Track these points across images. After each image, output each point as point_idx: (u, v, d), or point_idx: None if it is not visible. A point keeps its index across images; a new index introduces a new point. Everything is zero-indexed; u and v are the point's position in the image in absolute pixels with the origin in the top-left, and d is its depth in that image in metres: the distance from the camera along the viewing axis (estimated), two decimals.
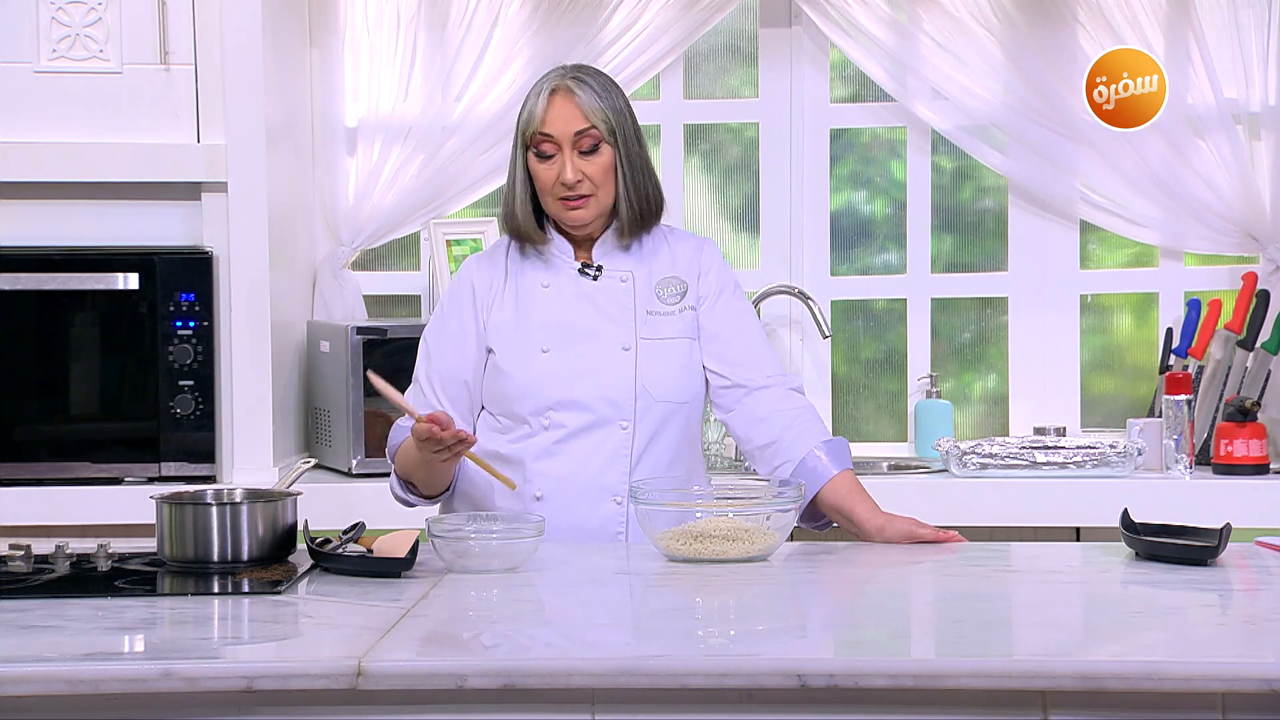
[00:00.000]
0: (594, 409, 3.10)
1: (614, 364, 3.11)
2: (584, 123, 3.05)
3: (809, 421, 3.15)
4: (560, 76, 3.09)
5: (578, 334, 3.11)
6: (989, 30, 4.47)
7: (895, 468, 4.44)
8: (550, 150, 3.06)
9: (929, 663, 2.30)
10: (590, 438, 3.09)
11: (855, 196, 4.72)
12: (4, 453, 4.06)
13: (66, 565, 2.79)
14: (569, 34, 4.49)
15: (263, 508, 2.84)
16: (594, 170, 3.06)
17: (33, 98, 4.08)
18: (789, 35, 4.62)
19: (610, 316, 3.13)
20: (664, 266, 3.18)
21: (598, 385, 3.10)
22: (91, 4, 4.08)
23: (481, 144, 4.49)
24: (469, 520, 2.91)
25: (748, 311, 3.24)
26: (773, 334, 4.64)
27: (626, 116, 3.10)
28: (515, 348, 3.11)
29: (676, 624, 2.56)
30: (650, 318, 3.14)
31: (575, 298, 3.13)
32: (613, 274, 3.15)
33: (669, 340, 3.14)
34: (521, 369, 3.10)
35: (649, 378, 3.12)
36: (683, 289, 3.17)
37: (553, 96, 3.06)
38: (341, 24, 4.47)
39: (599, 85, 3.09)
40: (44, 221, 4.12)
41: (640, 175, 3.11)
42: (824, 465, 3.09)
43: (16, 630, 2.41)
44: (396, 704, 2.24)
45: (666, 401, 3.13)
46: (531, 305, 3.13)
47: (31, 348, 4.09)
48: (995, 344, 4.69)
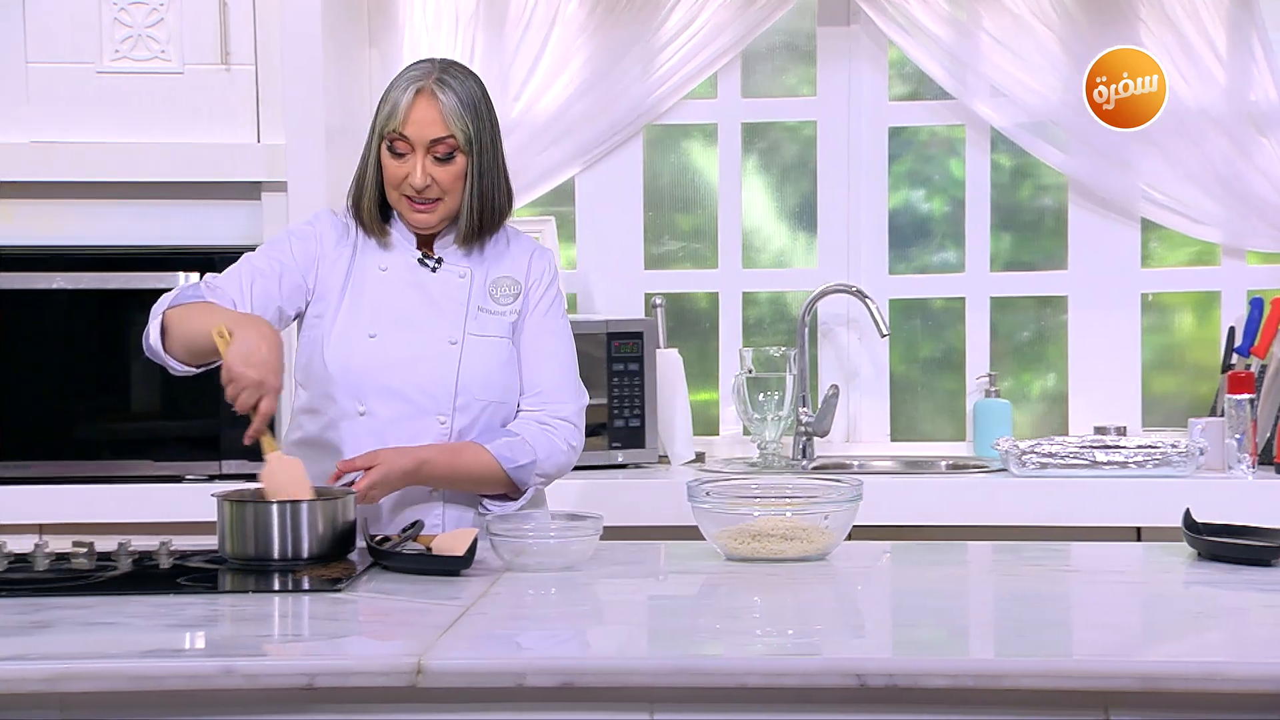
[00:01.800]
0: (413, 400, 3.07)
1: (438, 357, 3.09)
2: (443, 130, 3.02)
3: (528, 429, 3.10)
4: (426, 75, 3.04)
5: (407, 323, 3.09)
6: (1049, 27, 4.45)
7: (953, 467, 4.42)
8: (404, 149, 3.03)
9: (989, 662, 2.29)
10: (407, 429, 3.06)
11: (913, 195, 4.70)
12: (66, 451, 4.09)
13: (129, 563, 2.81)
14: (626, 33, 4.49)
15: (322, 506, 2.85)
16: (444, 177, 3.04)
17: (95, 98, 4.11)
18: (847, 33, 4.61)
19: (441, 309, 3.11)
20: (502, 266, 3.16)
21: (419, 376, 3.07)
22: (153, 5, 4.11)
23: (539, 143, 4.50)
24: (527, 519, 2.91)
25: (555, 333, 3.18)
26: (829, 332, 4.63)
27: (486, 124, 3.06)
28: (341, 328, 3.08)
29: (734, 623, 2.55)
30: (480, 314, 3.12)
31: (410, 286, 3.11)
32: (451, 268, 3.13)
33: (495, 339, 3.12)
34: (344, 351, 3.07)
35: (470, 374, 3.09)
36: (516, 290, 3.15)
37: (417, 97, 3.02)
38: (400, 24, 4.48)
39: (464, 91, 3.04)
40: (105, 221, 4.15)
41: (490, 185, 3.07)
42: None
43: (80, 627, 2.43)
44: (455, 702, 2.24)
45: (485, 399, 3.10)
46: (365, 286, 3.10)
47: (93, 347, 4.12)
48: (1055, 343, 4.66)
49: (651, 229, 4.69)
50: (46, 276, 4.08)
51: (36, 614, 2.50)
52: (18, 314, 4.08)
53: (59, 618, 2.48)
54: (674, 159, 4.71)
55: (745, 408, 4.41)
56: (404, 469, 2.98)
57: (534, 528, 2.86)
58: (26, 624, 2.44)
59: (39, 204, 4.14)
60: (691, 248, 4.71)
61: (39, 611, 2.51)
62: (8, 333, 4.09)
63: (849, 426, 4.64)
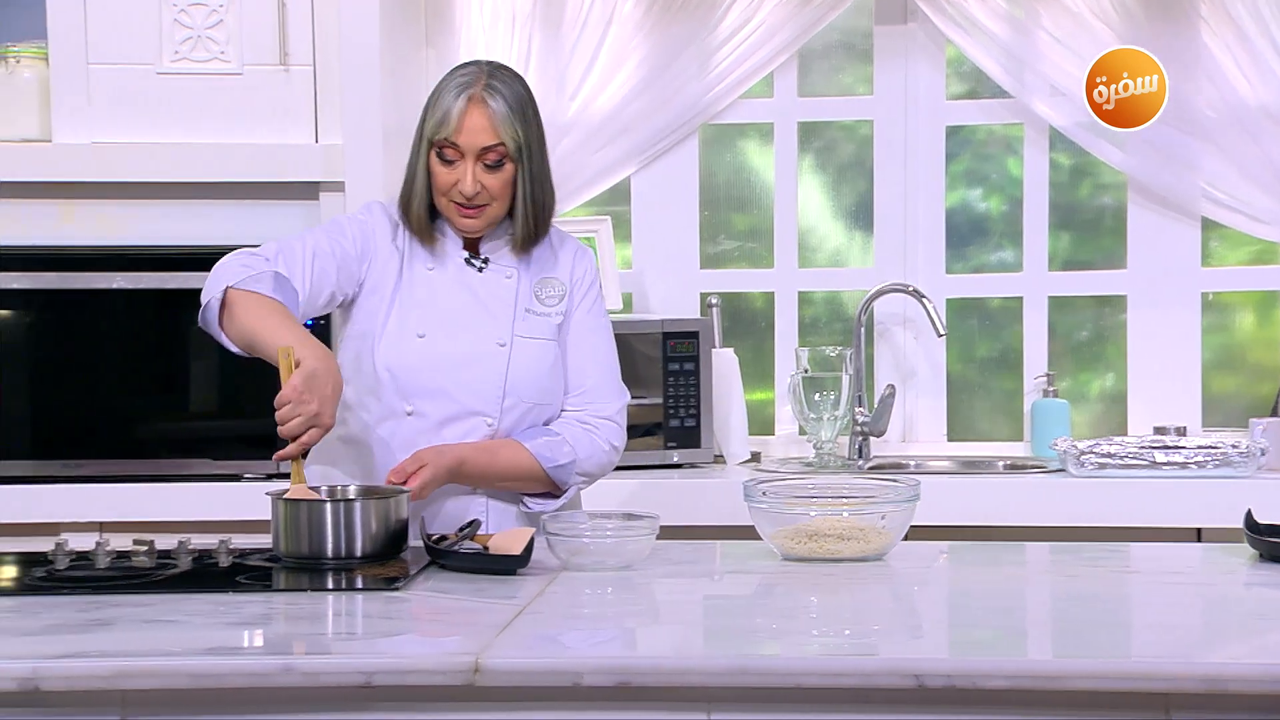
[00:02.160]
0: (461, 401, 3.07)
1: (487, 358, 3.08)
2: (494, 139, 3.01)
3: (570, 429, 3.11)
4: (476, 80, 3.03)
5: (455, 323, 3.09)
6: (1108, 25, 4.42)
7: (1011, 467, 4.40)
8: (453, 156, 3.03)
9: (1049, 663, 2.27)
10: (454, 429, 3.06)
11: (970, 194, 4.68)
12: (126, 450, 4.12)
13: (188, 561, 2.83)
14: (682, 32, 4.49)
15: (376, 504, 2.86)
16: (494, 183, 3.04)
17: (155, 98, 4.14)
18: (904, 32, 4.60)
19: (489, 310, 3.11)
20: (547, 267, 3.16)
21: (468, 377, 3.07)
22: (213, 6, 4.13)
23: (595, 142, 4.51)
24: (584, 518, 2.91)
25: (597, 331, 3.18)
26: (886, 332, 4.62)
27: (534, 129, 3.06)
28: (391, 327, 3.08)
29: (791, 623, 2.55)
30: (528, 316, 3.12)
31: (457, 287, 3.11)
32: (498, 269, 3.13)
33: (542, 341, 3.12)
34: (394, 350, 3.07)
35: (519, 376, 3.09)
36: (562, 292, 3.15)
37: (469, 104, 3.01)
38: (458, 24, 4.49)
39: (513, 97, 3.03)
40: (165, 221, 4.18)
41: (540, 192, 3.08)
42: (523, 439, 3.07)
43: (140, 625, 2.45)
44: (512, 700, 2.25)
45: (532, 401, 3.10)
46: (414, 285, 3.10)
47: (152, 346, 4.15)
48: (1114, 342, 4.63)
49: (707, 228, 4.69)
50: (107, 276, 4.11)
51: (97, 611, 2.52)
52: (79, 314, 4.11)
53: (120, 615, 2.49)
54: (730, 158, 4.71)
55: (801, 407, 4.40)
56: (446, 467, 2.98)
57: (591, 527, 2.86)
58: (88, 621, 2.46)
59: (100, 204, 4.17)
60: (747, 247, 4.71)
61: (100, 609, 2.53)
62: (69, 332, 4.12)
63: (905, 426, 4.62)
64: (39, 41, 4.14)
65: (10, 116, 4.16)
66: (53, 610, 2.53)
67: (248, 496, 3.96)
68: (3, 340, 4.13)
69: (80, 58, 4.11)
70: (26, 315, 4.12)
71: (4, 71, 4.15)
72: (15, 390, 4.12)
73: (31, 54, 4.16)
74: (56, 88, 4.12)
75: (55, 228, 4.17)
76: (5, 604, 2.62)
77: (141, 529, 3.65)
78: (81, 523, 3.98)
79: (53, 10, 4.10)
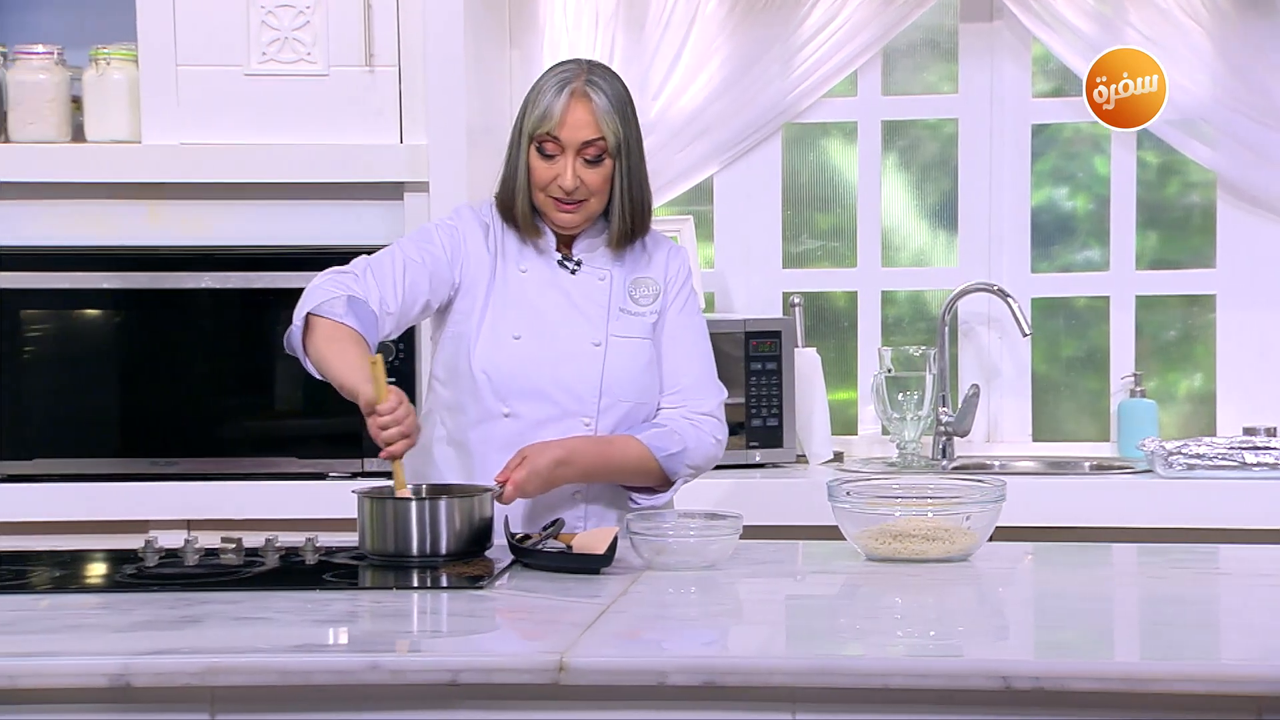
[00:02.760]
0: (558, 402, 3.07)
1: (583, 358, 3.09)
2: (595, 133, 3.02)
3: (675, 422, 3.10)
4: (577, 75, 3.04)
5: (550, 324, 3.09)
6: (1197, 22, 4.37)
7: (1097, 468, 4.36)
8: (553, 151, 3.03)
9: (1138, 666, 2.25)
10: (551, 430, 3.05)
11: (1056, 193, 4.65)
12: (213, 448, 4.16)
13: (275, 558, 2.85)
14: (766, 32, 4.49)
15: (460, 503, 2.87)
16: (593, 179, 3.04)
17: (242, 100, 4.17)
18: (990, 30, 4.57)
19: (584, 311, 3.11)
20: (640, 266, 3.16)
21: (564, 377, 3.07)
22: (300, 8, 4.16)
23: (678, 142, 4.51)
24: (668, 518, 2.91)
25: (692, 329, 3.18)
26: (970, 331, 4.59)
27: (633, 127, 3.07)
28: (486, 329, 3.08)
29: (876, 623, 2.54)
30: (622, 316, 3.12)
31: (551, 288, 3.11)
32: (591, 270, 3.13)
33: (637, 340, 3.12)
34: (490, 352, 3.07)
35: (615, 375, 3.09)
36: (656, 291, 3.15)
37: (571, 99, 3.02)
38: (541, 24, 4.51)
39: (613, 93, 3.05)
40: (251, 221, 4.21)
41: (637, 189, 3.08)
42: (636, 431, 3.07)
43: (229, 622, 2.47)
44: (597, 700, 2.25)
45: (629, 400, 3.10)
46: (508, 287, 3.10)
47: (239, 345, 4.19)
48: (1202, 342, 4.58)
49: (790, 227, 4.68)
50: (194, 276, 4.15)
51: (186, 608, 2.54)
52: (167, 313, 4.15)
53: (208, 612, 2.52)
54: (813, 157, 4.69)
55: (884, 407, 4.38)
56: (553, 458, 2.98)
57: (674, 527, 2.86)
58: (177, 618, 2.49)
59: (187, 205, 4.21)
60: (830, 246, 4.70)
61: (189, 606, 2.56)
62: (157, 332, 4.16)
63: (989, 426, 4.60)
64: (129, 44, 4.19)
65: (101, 118, 4.20)
66: (142, 607, 2.56)
67: (333, 495, 3.98)
68: (93, 339, 4.18)
69: (169, 60, 4.15)
70: (116, 315, 4.17)
71: (95, 74, 4.20)
72: (104, 389, 4.16)
73: (122, 56, 4.20)
74: (146, 89, 4.16)
75: (144, 228, 4.21)
76: (95, 601, 2.65)
77: (228, 527, 3.69)
78: (170, 520, 4.02)
79: (142, 13, 4.15)
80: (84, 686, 2.25)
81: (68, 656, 2.30)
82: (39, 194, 4.20)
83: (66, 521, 4.03)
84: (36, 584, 2.77)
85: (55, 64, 4.22)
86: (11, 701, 2.26)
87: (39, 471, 4.12)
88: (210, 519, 3.99)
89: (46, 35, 4.29)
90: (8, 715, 2.27)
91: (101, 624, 2.48)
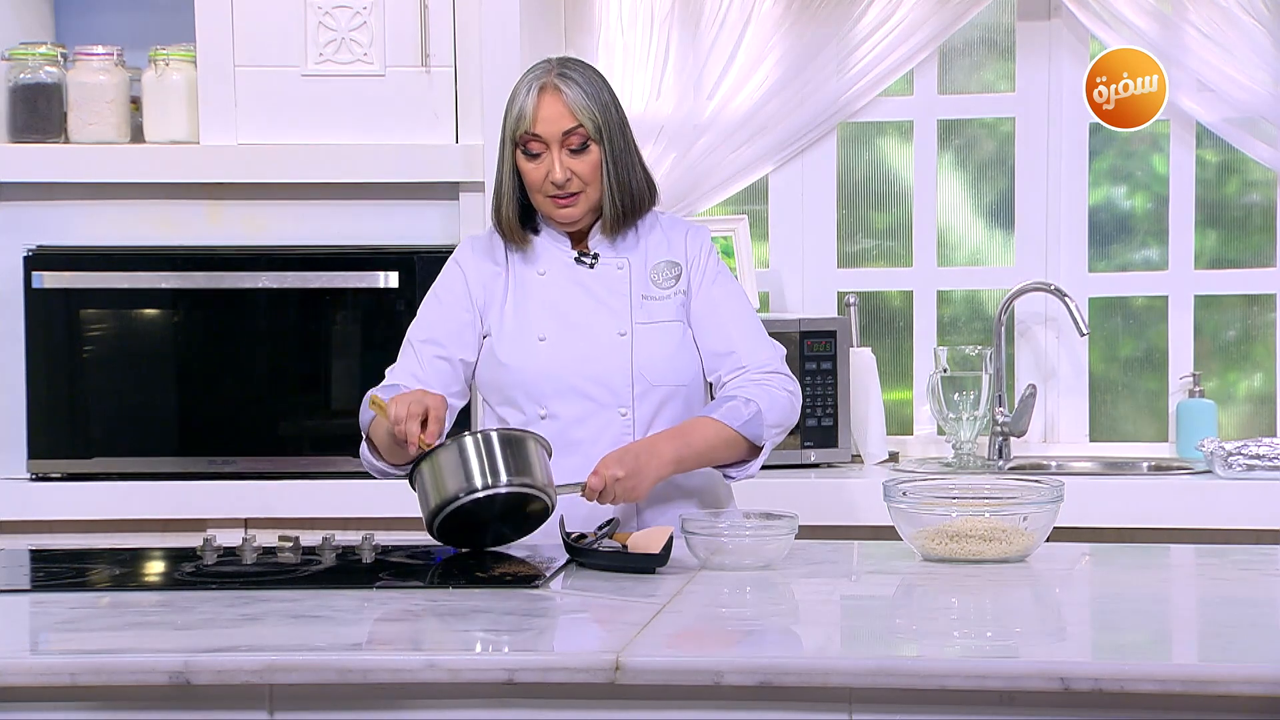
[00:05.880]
0: (592, 397, 3.08)
1: (610, 350, 3.09)
2: (572, 121, 3.03)
3: (743, 389, 3.09)
4: (547, 72, 3.05)
5: (574, 322, 3.10)
6: (1258, 20, 4.34)
7: (1156, 468, 4.33)
8: (538, 149, 3.04)
9: (1199, 668, 2.24)
10: (590, 425, 3.07)
11: (1114, 192, 4.62)
12: (271, 447, 4.18)
13: (333, 557, 2.87)
14: (822, 31, 4.48)
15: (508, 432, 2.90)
16: (582, 168, 3.05)
17: (300, 100, 4.19)
18: (1047, 28, 4.54)
19: (606, 303, 3.11)
20: (659, 250, 3.16)
21: (595, 372, 3.08)
22: (356, 8, 4.18)
23: (732, 142, 4.50)
24: (724, 518, 2.91)
25: (730, 297, 3.17)
26: (1026, 331, 4.57)
27: (613, 112, 3.07)
28: (512, 337, 3.10)
29: (933, 624, 2.53)
30: (646, 302, 3.12)
31: (571, 285, 3.12)
32: (609, 261, 3.14)
33: (664, 324, 3.12)
34: (519, 358, 3.09)
35: (645, 362, 3.09)
36: (677, 272, 3.15)
37: (541, 94, 3.03)
38: (596, 24, 4.51)
39: (585, 81, 3.06)
40: (308, 221, 4.23)
41: (625, 172, 3.08)
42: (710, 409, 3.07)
43: (288, 619, 2.48)
44: (653, 699, 2.25)
45: (664, 385, 3.10)
46: (529, 293, 3.12)
47: (295, 344, 4.21)
48: (1262, 342, 4.55)
49: (845, 227, 4.67)
50: (252, 276, 4.17)
51: (245, 606, 2.56)
52: (225, 313, 4.18)
53: (267, 610, 2.53)
54: (868, 156, 4.68)
55: (940, 407, 4.37)
56: (658, 474, 2.98)
57: (730, 526, 2.86)
58: (236, 616, 2.50)
59: (245, 205, 4.23)
60: (885, 245, 4.68)
61: (248, 604, 2.57)
62: (215, 331, 4.19)
63: (1046, 426, 4.57)
64: (187, 45, 4.21)
65: (159, 118, 4.23)
66: (202, 605, 2.57)
67: (389, 494, 3.99)
68: (151, 339, 4.21)
69: (227, 61, 4.18)
70: (174, 314, 4.20)
71: (154, 74, 4.23)
72: (163, 388, 4.19)
73: (180, 57, 4.23)
74: (204, 90, 4.19)
75: (202, 228, 4.24)
76: (155, 599, 2.67)
77: (286, 525, 3.71)
78: (228, 519, 4.05)
79: (201, 14, 4.17)
80: (144, 684, 2.27)
81: (128, 654, 2.31)
82: (98, 194, 4.23)
83: (126, 520, 4.06)
84: (96, 582, 2.79)
85: (115, 65, 4.25)
86: (72, 699, 2.28)
87: (99, 470, 4.15)
88: (267, 517, 4.02)
89: (106, 37, 4.32)
90: (69, 713, 2.29)
91: (161, 622, 2.50)
